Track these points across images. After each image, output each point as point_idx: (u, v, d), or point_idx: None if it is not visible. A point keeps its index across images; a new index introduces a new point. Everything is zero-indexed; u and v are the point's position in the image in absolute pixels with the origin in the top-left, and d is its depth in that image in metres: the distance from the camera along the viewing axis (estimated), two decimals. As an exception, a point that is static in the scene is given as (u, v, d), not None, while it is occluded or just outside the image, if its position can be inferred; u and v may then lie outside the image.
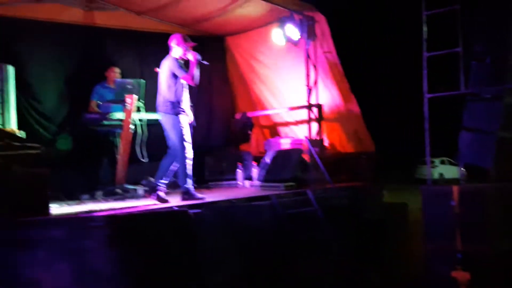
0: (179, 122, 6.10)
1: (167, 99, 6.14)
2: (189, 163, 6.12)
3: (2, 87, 6.27)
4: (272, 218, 6.22)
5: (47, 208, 5.08)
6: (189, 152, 6.12)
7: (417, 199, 6.34)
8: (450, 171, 21.36)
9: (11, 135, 5.70)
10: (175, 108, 6.12)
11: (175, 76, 6.14)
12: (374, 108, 8.73)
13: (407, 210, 8.25)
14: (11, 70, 6.40)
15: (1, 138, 5.24)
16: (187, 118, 6.24)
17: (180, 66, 6.15)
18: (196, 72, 6.10)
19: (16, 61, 6.93)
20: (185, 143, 6.08)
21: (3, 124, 6.20)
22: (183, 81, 6.14)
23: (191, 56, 6.14)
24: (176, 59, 6.20)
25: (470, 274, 5.26)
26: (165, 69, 6.20)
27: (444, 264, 5.46)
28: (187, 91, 6.31)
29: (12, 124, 6.32)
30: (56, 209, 5.88)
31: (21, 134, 6.19)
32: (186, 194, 6.16)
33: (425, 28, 6.20)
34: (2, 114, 6.23)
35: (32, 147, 5.29)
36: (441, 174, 21.82)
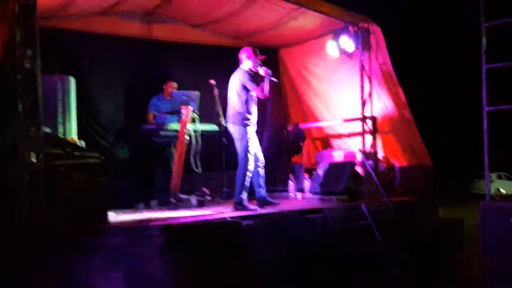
0: (246, 133, 6.28)
1: (237, 110, 6.32)
2: (248, 175, 6.28)
3: (64, 98, 6.54)
4: (324, 232, 6.19)
5: (106, 215, 5.23)
6: (251, 165, 6.28)
7: (474, 214, 6.20)
8: (507, 186, 20.65)
9: (72, 144, 5.91)
10: (244, 119, 6.30)
11: (245, 89, 6.28)
12: (430, 121, 8.55)
13: (463, 226, 8.04)
14: (72, 81, 6.67)
15: (63, 147, 5.42)
16: (254, 130, 6.41)
17: (251, 79, 6.28)
18: (266, 85, 6.25)
19: (77, 73, 7.22)
20: (248, 155, 6.24)
21: (64, 134, 6.45)
22: (253, 94, 6.25)
23: (262, 70, 6.30)
24: (248, 72, 6.34)
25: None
26: (235, 81, 6.37)
27: (502, 282, 5.30)
28: (256, 104, 6.44)
29: (73, 133, 6.57)
30: (113, 217, 6.05)
31: (81, 143, 6.42)
32: (239, 205, 6.23)
33: (484, 40, 6.06)
34: (64, 123, 6.49)
35: (92, 156, 5.46)
36: (497, 189, 21.09)
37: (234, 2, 7.41)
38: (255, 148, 6.43)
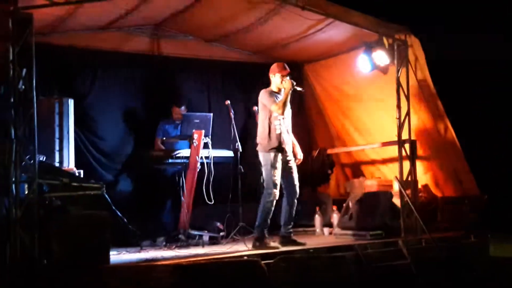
0: (268, 160, 6.36)
1: (259, 134, 6.49)
2: (269, 207, 6.32)
3: (61, 122, 6.65)
4: (356, 273, 6.11)
5: (107, 255, 5.26)
6: (274, 196, 6.33)
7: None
8: None
9: (69, 174, 5.98)
10: (267, 144, 6.40)
11: (266, 109, 6.41)
12: (478, 145, 8.45)
13: (519, 267, 7.89)
14: (71, 103, 6.79)
15: (59, 178, 5.49)
16: (285, 157, 6.47)
17: (272, 96, 6.43)
18: (286, 100, 6.39)
19: (76, 94, 7.36)
20: (271, 185, 6.31)
21: (61, 162, 6.54)
22: (275, 113, 6.38)
23: (286, 83, 6.44)
24: (269, 91, 6.52)
25: None
26: (259, 102, 6.56)
27: None
28: (286, 123, 6.54)
29: (70, 162, 6.66)
30: (116, 256, 6.08)
31: (80, 173, 6.50)
32: (258, 241, 6.23)
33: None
34: (60, 151, 6.59)
35: (91, 188, 5.53)
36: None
37: (252, 13, 7.49)
38: (284, 178, 6.49)
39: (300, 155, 6.88)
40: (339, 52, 8.80)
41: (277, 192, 6.36)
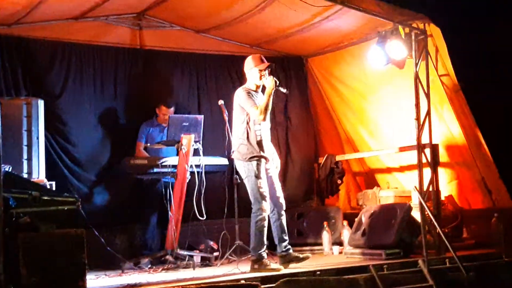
0: (251, 170, 6.31)
1: (237, 140, 6.42)
2: (263, 226, 6.30)
3: (30, 127, 6.64)
4: (371, 298, 6.14)
5: (83, 280, 5.25)
6: (265, 211, 6.30)
7: None
8: None
9: (39, 186, 5.97)
10: (247, 152, 6.34)
11: (245, 111, 6.36)
12: (510, 150, 8.43)
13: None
14: (40, 105, 6.78)
15: (27, 191, 5.48)
16: (265, 163, 6.41)
17: (251, 96, 6.35)
18: (268, 103, 6.29)
19: (47, 94, 7.37)
20: (259, 198, 6.27)
21: (29, 173, 6.53)
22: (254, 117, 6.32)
23: (268, 82, 6.37)
24: (246, 89, 6.42)
25: None
26: (234, 104, 6.47)
27: None
28: (267, 126, 6.50)
29: (40, 172, 6.65)
30: (93, 281, 6.07)
31: (51, 185, 6.49)
32: (257, 263, 6.23)
33: None
34: (29, 160, 6.58)
35: (65, 202, 5.51)
36: None
37: (248, -1, 7.53)
38: (271, 190, 6.47)
39: (277, 163, 6.81)
40: (348, 44, 8.82)
41: (267, 205, 6.34)
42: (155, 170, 7.15)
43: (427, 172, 7.56)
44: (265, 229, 6.34)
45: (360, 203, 8.94)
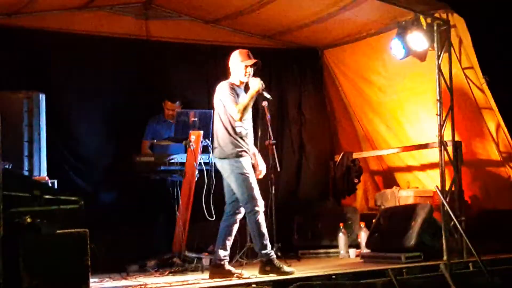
0: (239, 167, 6.24)
1: (219, 136, 6.36)
2: (261, 224, 6.22)
3: (31, 122, 6.66)
4: (389, 304, 6.13)
5: (87, 283, 5.27)
6: (260, 208, 6.23)
7: None
8: None
9: (41, 185, 6.00)
10: (232, 148, 6.27)
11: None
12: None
13: None
14: (42, 99, 6.80)
15: (28, 190, 5.51)
16: (249, 160, 6.36)
17: (233, 92, 6.32)
18: (249, 103, 6.27)
19: (48, 87, 7.38)
20: (251, 195, 6.21)
21: (30, 170, 6.56)
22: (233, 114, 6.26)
23: (254, 83, 6.33)
24: (229, 84, 6.39)
25: None
26: (216, 97, 6.43)
27: None
28: (249, 123, 6.45)
29: (42, 170, 6.68)
30: (97, 284, 6.09)
31: (53, 183, 6.52)
32: (268, 265, 6.21)
33: None
34: (30, 156, 6.60)
35: (68, 201, 5.54)
36: None
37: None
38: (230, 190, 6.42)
39: (262, 167, 6.69)
40: (366, 35, 8.81)
41: (260, 200, 6.25)
42: (162, 168, 7.17)
43: (449, 171, 7.55)
44: (265, 228, 6.24)
45: (378, 203, 8.93)
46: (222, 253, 6.31)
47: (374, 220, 7.84)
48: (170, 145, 7.55)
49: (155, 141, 7.68)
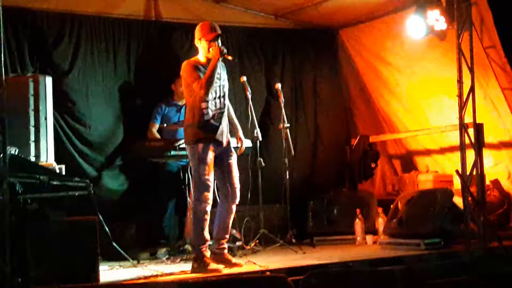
0: (195, 153, 6.04)
1: (186, 120, 6.22)
2: (202, 218, 6.02)
3: (37, 106, 6.68)
4: (408, 291, 6.13)
5: (96, 271, 5.30)
6: (206, 201, 6.01)
7: None
8: None
9: (48, 170, 6.02)
10: (192, 132, 6.10)
11: (190, 86, 6.13)
12: None
13: None
14: (48, 82, 6.81)
15: (35, 175, 5.53)
16: (212, 148, 6.08)
17: (196, 70, 6.08)
18: (211, 74, 5.99)
19: (55, 70, 7.41)
20: (200, 186, 6.00)
21: (37, 156, 6.59)
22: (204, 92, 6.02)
23: (213, 51, 6.06)
24: (192, 62, 6.18)
25: None
26: (182, 78, 6.29)
27: None
28: (221, 103, 6.24)
29: (49, 155, 6.70)
30: (107, 272, 6.12)
31: (60, 169, 6.54)
32: (196, 262, 6.01)
33: None
34: (36, 142, 6.62)
35: (76, 187, 5.56)
36: None
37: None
38: (219, 178, 6.24)
39: (243, 139, 6.48)
40: (384, 13, 8.77)
41: (210, 195, 6.02)
42: (172, 153, 7.14)
43: (470, 154, 7.52)
44: (206, 223, 6.03)
45: (396, 188, 8.94)
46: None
47: (392, 206, 7.83)
48: (179, 129, 7.53)
49: (166, 125, 7.67)
